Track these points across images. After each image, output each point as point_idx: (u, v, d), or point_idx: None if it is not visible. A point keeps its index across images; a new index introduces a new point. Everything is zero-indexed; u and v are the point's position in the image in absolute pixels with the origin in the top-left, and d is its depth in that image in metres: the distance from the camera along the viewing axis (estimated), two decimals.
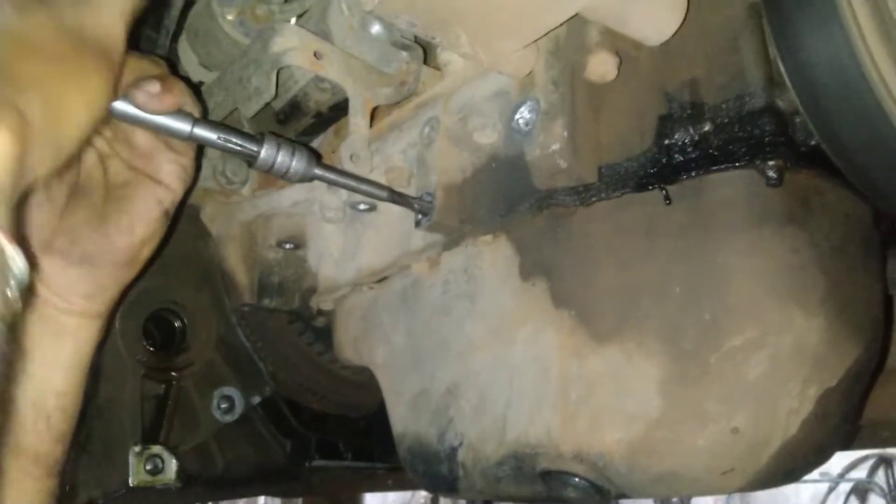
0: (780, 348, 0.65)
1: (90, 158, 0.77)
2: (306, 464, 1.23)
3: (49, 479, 0.74)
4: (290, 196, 1.08)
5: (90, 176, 0.77)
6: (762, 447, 0.66)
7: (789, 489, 5.06)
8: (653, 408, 0.68)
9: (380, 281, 0.99)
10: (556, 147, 0.71)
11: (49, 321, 0.74)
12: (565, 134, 0.70)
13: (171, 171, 0.79)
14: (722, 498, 5.00)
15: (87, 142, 0.75)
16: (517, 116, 0.75)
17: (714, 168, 0.68)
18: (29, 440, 0.72)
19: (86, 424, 1.06)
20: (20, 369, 0.62)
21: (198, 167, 0.87)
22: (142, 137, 0.77)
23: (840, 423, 0.72)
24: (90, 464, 1.06)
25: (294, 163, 0.76)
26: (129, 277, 0.81)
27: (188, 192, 0.83)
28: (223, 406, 1.14)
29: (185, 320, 1.14)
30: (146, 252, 0.80)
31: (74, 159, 0.73)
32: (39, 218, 0.71)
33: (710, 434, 0.66)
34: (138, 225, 0.77)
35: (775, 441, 0.66)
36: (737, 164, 0.67)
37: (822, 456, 0.74)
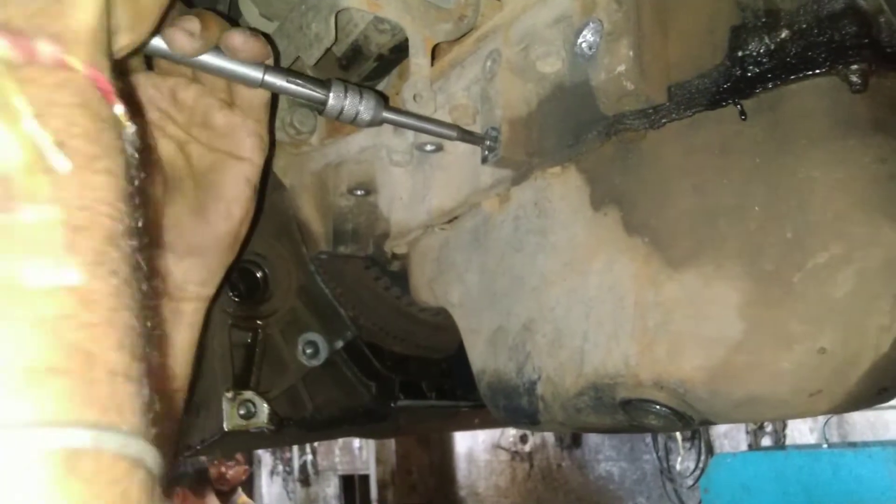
0: (868, 263, 0.62)
1: (169, 148, 0.76)
2: (392, 404, 1.25)
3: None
4: (357, 142, 1.08)
5: (174, 166, 0.77)
6: (851, 367, 0.63)
7: (889, 415, 4.89)
8: (734, 332, 0.66)
9: (451, 221, 0.99)
10: (622, 68, 0.68)
11: (166, 312, 0.75)
12: (631, 54, 0.68)
13: (251, 145, 0.78)
14: (818, 426, 4.90)
15: (161, 129, 0.74)
16: (580, 40, 0.73)
17: (792, 77, 0.64)
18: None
19: None
20: None
21: (271, 132, 0.86)
22: (220, 117, 0.76)
23: None
24: (186, 412, 1.11)
25: (362, 107, 0.75)
26: (234, 256, 0.82)
27: (268, 161, 0.83)
28: (308, 351, 1.17)
29: (267, 270, 1.17)
30: (244, 230, 0.81)
31: (153, 150, 0.72)
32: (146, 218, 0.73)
33: (795, 356, 0.64)
34: (234, 207, 0.78)
35: (865, 360, 0.63)
36: (817, 71, 0.63)
37: None
